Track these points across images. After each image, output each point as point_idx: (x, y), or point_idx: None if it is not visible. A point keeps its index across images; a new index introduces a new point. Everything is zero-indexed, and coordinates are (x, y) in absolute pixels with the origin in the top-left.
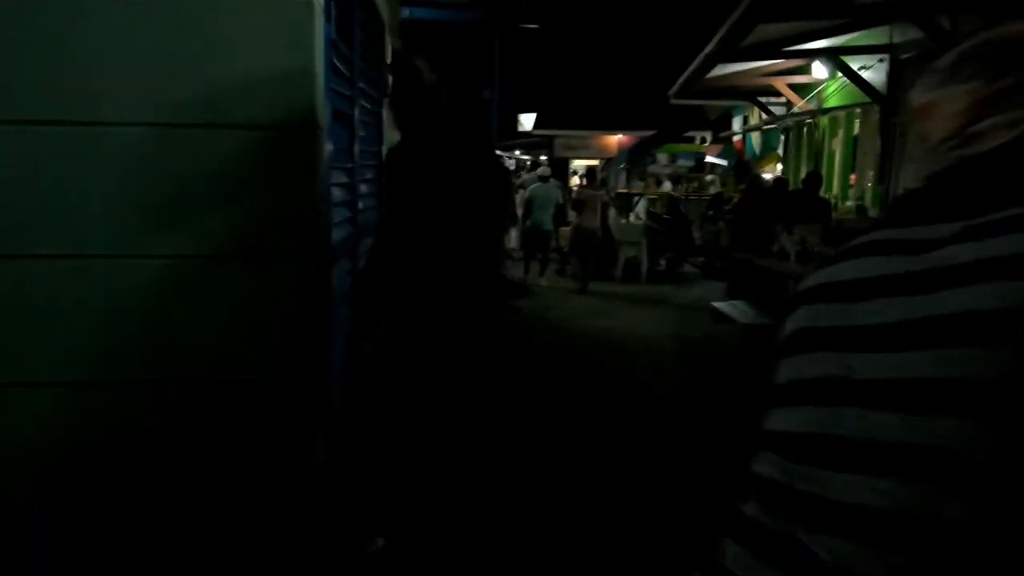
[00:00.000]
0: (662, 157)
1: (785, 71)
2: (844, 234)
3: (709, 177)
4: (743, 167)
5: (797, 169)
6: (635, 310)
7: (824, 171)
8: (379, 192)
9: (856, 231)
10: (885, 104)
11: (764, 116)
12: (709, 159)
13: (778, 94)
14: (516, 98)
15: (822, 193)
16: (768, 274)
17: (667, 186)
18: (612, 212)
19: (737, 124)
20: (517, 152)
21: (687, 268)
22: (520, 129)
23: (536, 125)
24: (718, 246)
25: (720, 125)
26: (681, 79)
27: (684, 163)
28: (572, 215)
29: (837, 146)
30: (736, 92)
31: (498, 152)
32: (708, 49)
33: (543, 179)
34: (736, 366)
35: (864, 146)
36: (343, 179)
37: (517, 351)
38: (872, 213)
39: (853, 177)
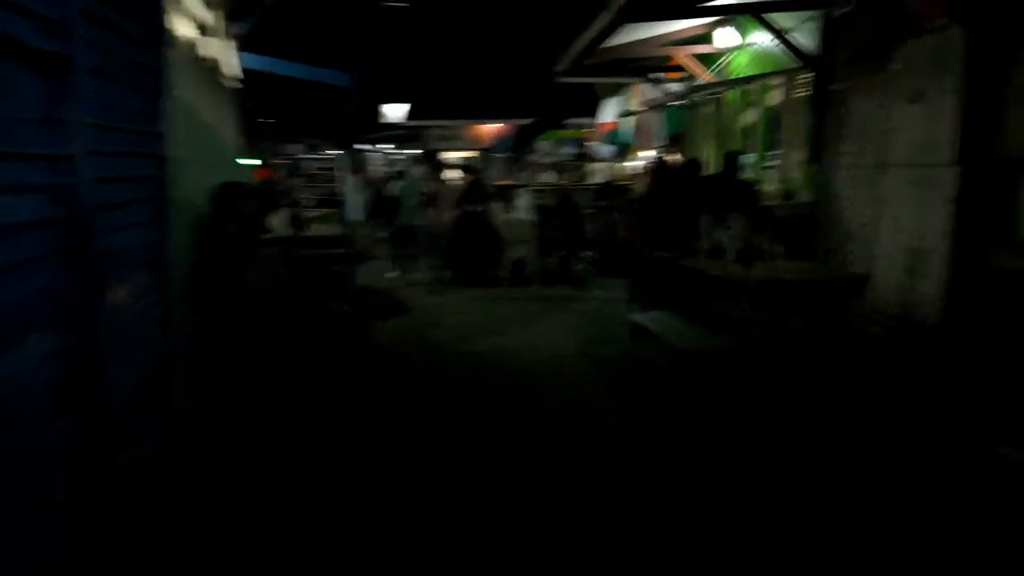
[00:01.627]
0: (544, 145)
1: (687, 40)
2: (776, 224)
3: (595, 165)
4: (676, 140)
5: (698, 151)
6: (531, 322)
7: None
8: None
9: (791, 220)
10: (819, 69)
11: (649, 96)
12: (593, 146)
13: (673, 69)
14: (384, 87)
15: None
16: (705, 279)
17: (549, 176)
18: (495, 207)
19: (613, 106)
20: (383, 146)
21: (581, 265)
22: (384, 120)
23: (403, 116)
24: (614, 239)
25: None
26: (575, 47)
27: (567, 151)
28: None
29: (746, 122)
30: (629, 67)
31: (360, 147)
32: (619, 1)
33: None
34: (679, 402)
35: (787, 121)
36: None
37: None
38: (802, 197)
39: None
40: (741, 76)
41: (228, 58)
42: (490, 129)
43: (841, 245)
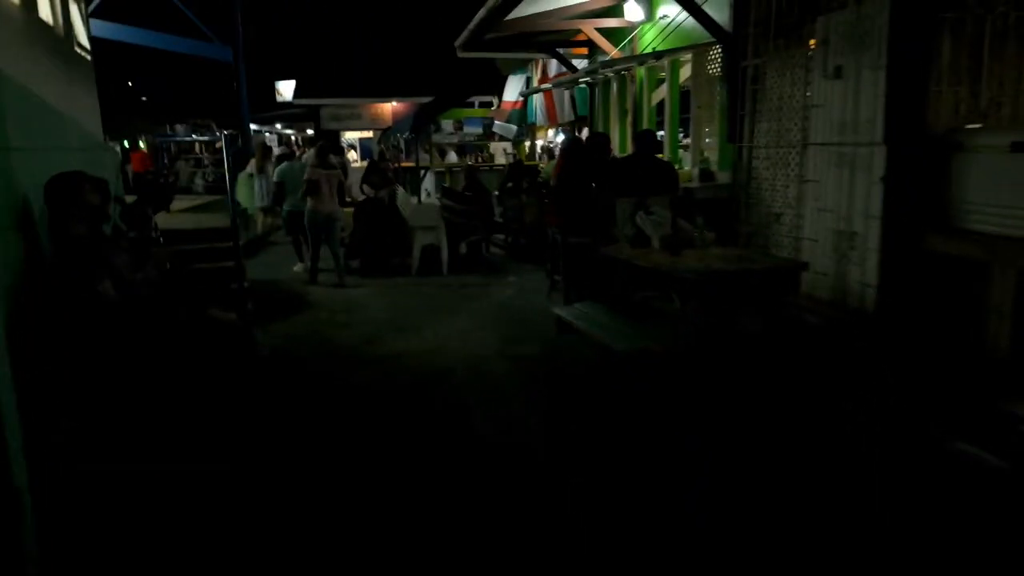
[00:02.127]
0: (447, 124)
1: (593, 13)
2: (697, 206)
3: (500, 145)
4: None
5: (607, 130)
6: (446, 316)
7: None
8: None
9: (712, 201)
10: (730, 44)
11: (555, 73)
12: (498, 125)
13: (579, 45)
14: (277, 63)
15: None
16: (630, 269)
17: (452, 157)
18: (400, 192)
19: (516, 84)
20: (278, 125)
21: (493, 250)
22: (279, 99)
23: (296, 94)
24: (523, 222)
25: (503, 89)
26: (474, 20)
27: (471, 130)
28: (309, 201)
29: (657, 100)
30: (532, 42)
31: (255, 127)
32: None
33: (287, 157)
34: (616, 412)
35: (700, 98)
36: None
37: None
38: (721, 179)
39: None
40: (650, 51)
41: (76, 24)
42: (391, 108)
43: (763, 228)
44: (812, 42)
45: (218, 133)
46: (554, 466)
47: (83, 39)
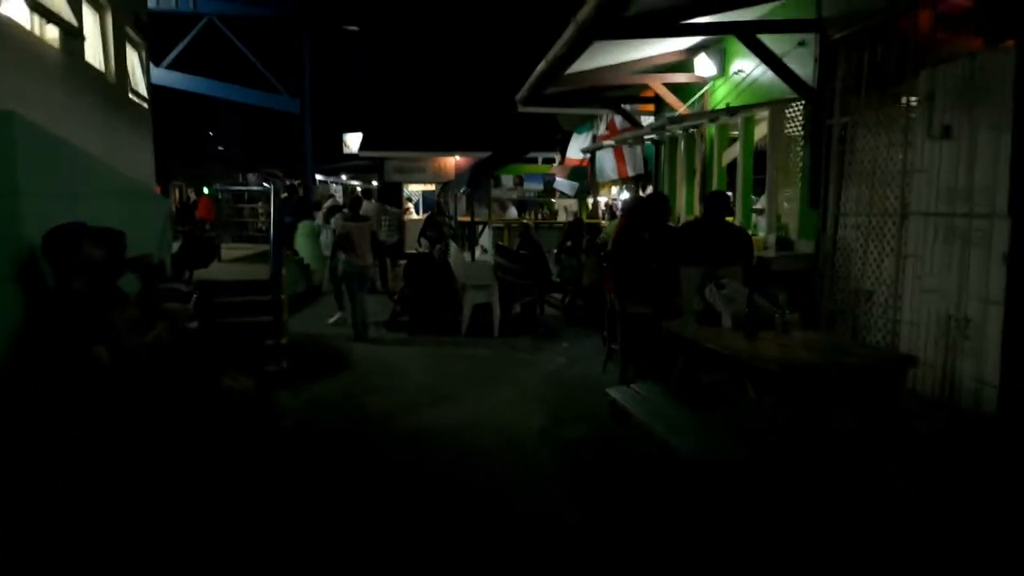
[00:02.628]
0: (507, 180)
1: (661, 68)
2: (773, 278)
3: (563, 203)
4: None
5: (672, 191)
6: (491, 384)
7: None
8: None
9: (790, 274)
10: (815, 100)
11: (620, 129)
12: (559, 182)
13: (646, 101)
14: (345, 116)
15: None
16: (698, 350)
17: (512, 212)
18: (453, 247)
19: (579, 142)
20: (343, 176)
21: (548, 311)
22: (346, 151)
23: (362, 146)
24: (581, 283)
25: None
26: (535, 74)
27: (532, 186)
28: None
29: (728, 160)
30: (597, 97)
31: (321, 177)
32: (583, 15)
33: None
34: (678, 516)
35: (777, 159)
36: None
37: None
38: (801, 248)
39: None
40: (723, 108)
41: (132, 70)
42: (453, 162)
43: (850, 307)
44: (911, 99)
45: (264, 184)
46: None
47: (140, 86)
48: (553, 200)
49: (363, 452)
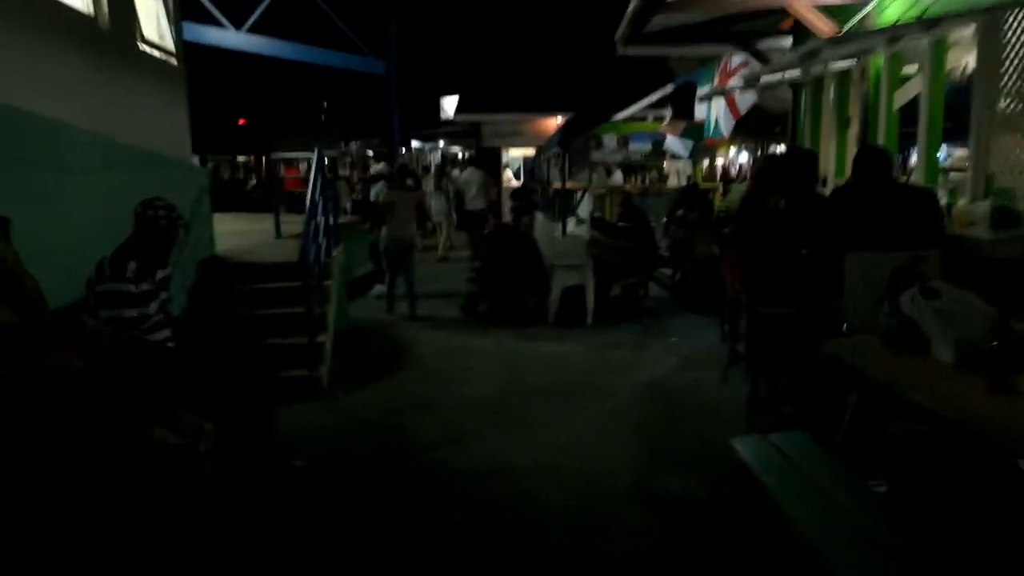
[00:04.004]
0: (609, 140)
1: None
2: (984, 271)
3: (674, 165)
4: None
5: (816, 148)
6: (574, 401)
7: (878, 145)
8: None
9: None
10: None
11: (746, 70)
12: (670, 140)
13: (784, 34)
14: (443, 80)
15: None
16: (887, 394)
17: (618, 177)
18: (539, 219)
19: (702, 94)
20: (441, 142)
21: (653, 291)
22: (443, 116)
23: (458, 110)
24: (694, 257)
25: (681, 99)
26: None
27: (639, 147)
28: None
29: (900, 104)
30: (718, 32)
31: (418, 144)
32: None
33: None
34: None
35: (990, 93)
36: None
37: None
38: None
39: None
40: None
41: (145, 17)
42: (555, 124)
43: None
44: None
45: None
46: None
47: (162, 38)
48: (664, 163)
49: (385, 503)
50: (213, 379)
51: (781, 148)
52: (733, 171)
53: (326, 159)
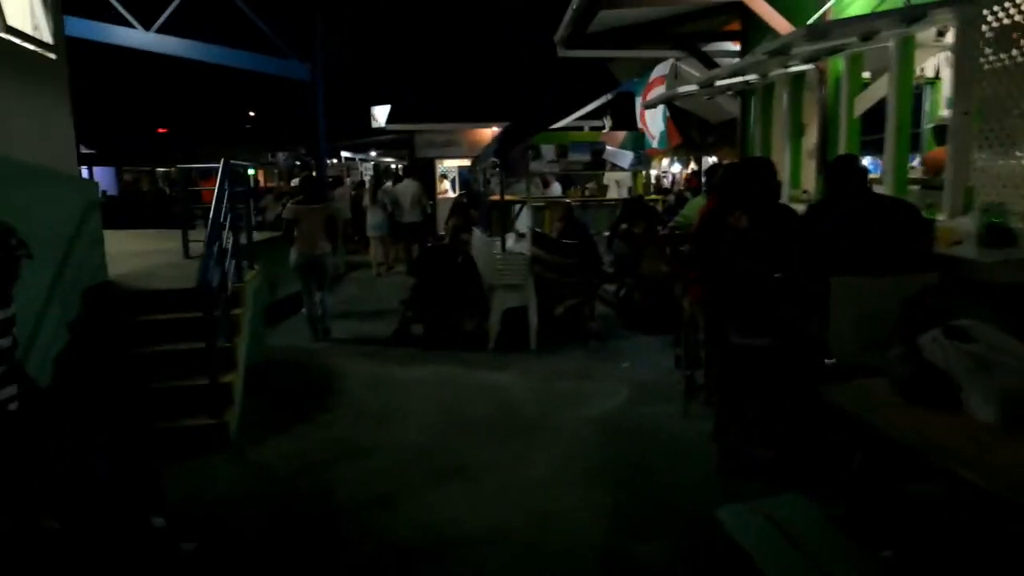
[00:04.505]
0: (548, 150)
1: None
2: (977, 296)
3: (614, 176)
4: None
5: (766, 156)
6: (522, 444)
7: (834, 153)
8: None
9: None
10: None
11: (693, 77)
12: (610, 151)
13: (731, 36)
14: (374, 89)
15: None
16: (905, 452)
17: (557, 188)
18: (477, 234)
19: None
20: (373, 153)
21: (599, 309)
22: (375, 125)
23: (390, 119)
24: (639, 274)
25: (619, 107)
26: None
27: (577, 157)
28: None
29: (861, 110)
30: (663, 35)
31: (348, 154)
32: None
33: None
34: None
35: (965, 96)
36: None
37: None
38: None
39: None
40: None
41: (14, 6)
42: (491, 133)
43: None
44: None
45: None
46: None
47: (37, 29)
48: (604, 173)
49: None
50: (73, 452)
51: (713, 159)
52: (666, 182)
53: (251, 170)
